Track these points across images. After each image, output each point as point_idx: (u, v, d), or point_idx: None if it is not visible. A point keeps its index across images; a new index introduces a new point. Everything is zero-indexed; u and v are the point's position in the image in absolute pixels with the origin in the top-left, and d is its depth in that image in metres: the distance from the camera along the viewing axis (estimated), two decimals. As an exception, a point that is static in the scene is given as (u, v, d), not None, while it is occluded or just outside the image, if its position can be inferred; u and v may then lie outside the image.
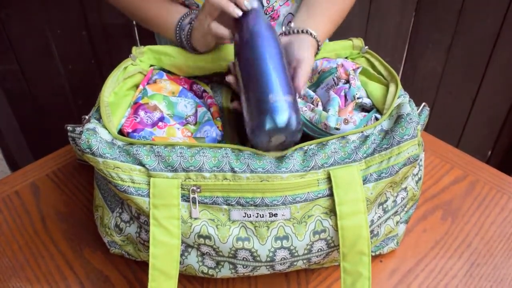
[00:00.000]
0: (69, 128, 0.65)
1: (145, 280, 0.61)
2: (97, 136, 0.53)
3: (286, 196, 0.51)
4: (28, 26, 1.21)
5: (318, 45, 0.65)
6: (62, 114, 1.41)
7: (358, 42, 0.68)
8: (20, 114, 1.37)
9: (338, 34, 0.75)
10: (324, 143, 0.54)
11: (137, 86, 0.65)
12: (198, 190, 0.52)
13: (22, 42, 1.24)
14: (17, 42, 1.23)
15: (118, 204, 0.59)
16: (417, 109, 0.61)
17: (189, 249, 0.55)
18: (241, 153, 0.52)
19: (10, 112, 1.35)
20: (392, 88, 0.59)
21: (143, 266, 0.63)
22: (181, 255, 0.55)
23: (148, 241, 0.53)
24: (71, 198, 0.74)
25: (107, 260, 0.64)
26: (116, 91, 0.62)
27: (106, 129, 0.55)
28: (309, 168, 0.52)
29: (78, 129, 0.65)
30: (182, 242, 0.54)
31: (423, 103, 0.62)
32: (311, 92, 0.63)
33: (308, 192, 0.52)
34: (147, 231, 0.56)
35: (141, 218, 0.56)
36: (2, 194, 0.75)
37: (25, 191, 0.76)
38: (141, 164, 0.52)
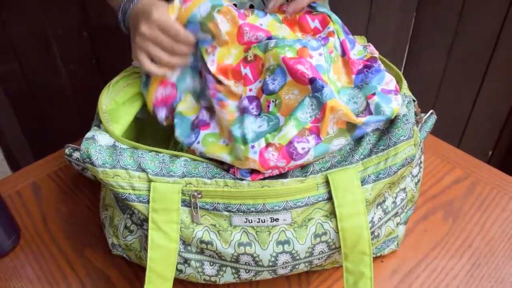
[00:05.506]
0: (67, 151, 0.64)
1: (146, 280, 0.61)
2: (96, 145, 0.53)
3: (287, 201, 0.51)
4: (28, 26, 1.21)
5: None
6: (63, 114, 1.41)
7: (361, 41, 0.69)
8: (21, 114, 1.37)
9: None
10: None
11: (138, 93, 0.63)
12: (199, 196, 0.52)
13: (23, 42, 1.24)
14: (17, 42, 1.23)
15: (128, 208, 0.59)
16: (424, 115, 0.61)
17: (189, 261, 0.55)
18: None
19: (11, 112, 1.35)
20: None
21: (144, 266, 0.63)
22: (182, 264, 0.55)
23: None
24: (72, 198, 0.74)
25: (108, 260, 0.64)
26: (117, 100, 0.61)
27: (108, 133, 0.55)
28: (307, 173, 0.52)
29: (75, 155, 0.64)
30: (185, 246, 0.54)
31: (431, 111, 0.62)
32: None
33: (308, 197, 0.52)
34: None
35: (144, 226, 0.56)
36: (3, 194, 0.75)
37: (26, 191, 0.76)
38: (141, 169, 0.52)
